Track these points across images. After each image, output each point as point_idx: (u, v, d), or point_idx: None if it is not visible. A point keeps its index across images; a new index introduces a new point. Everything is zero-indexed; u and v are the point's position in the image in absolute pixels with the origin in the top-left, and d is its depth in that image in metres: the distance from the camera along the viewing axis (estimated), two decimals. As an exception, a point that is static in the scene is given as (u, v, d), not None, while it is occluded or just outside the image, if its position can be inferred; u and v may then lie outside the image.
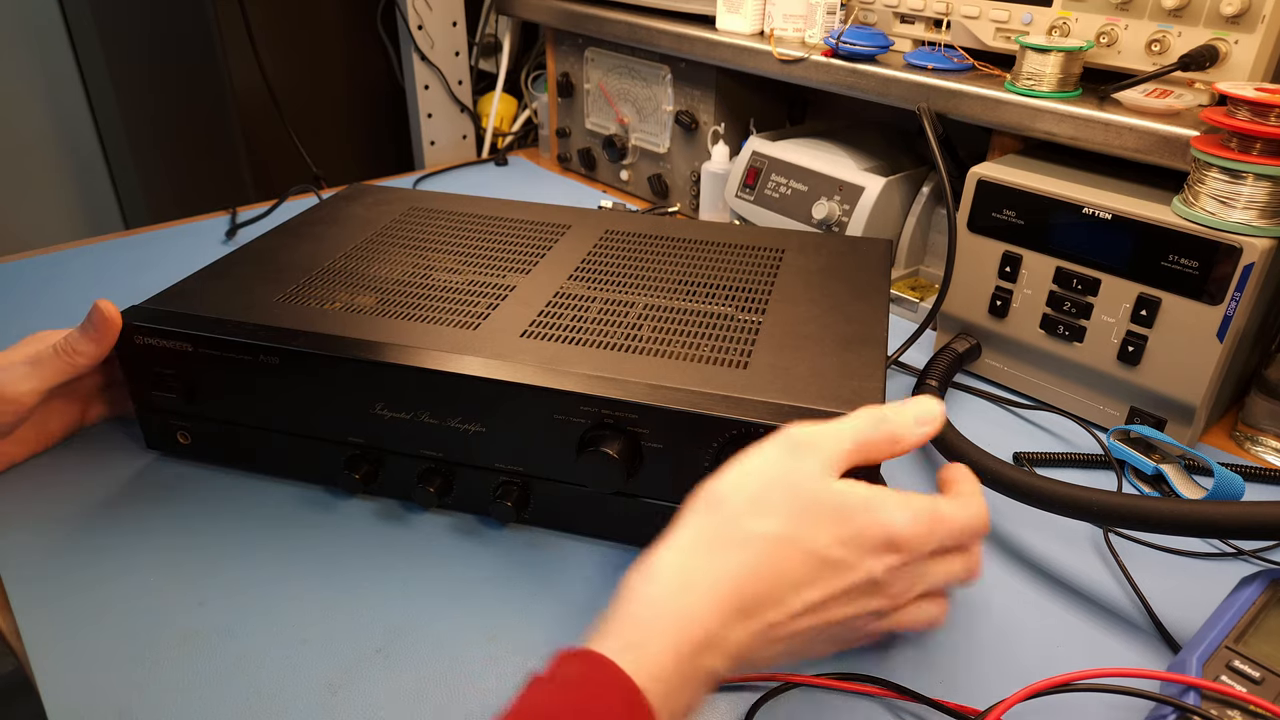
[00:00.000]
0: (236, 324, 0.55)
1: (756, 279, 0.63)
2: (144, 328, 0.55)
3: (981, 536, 0.42)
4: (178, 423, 0.59)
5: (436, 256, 0.66)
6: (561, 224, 0.73)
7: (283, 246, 0.68)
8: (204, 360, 0.55)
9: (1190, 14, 0.65)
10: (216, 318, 0.55)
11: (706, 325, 0.56)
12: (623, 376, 0.50)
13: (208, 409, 0.57)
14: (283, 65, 1.17)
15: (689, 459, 0.49)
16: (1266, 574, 0.45)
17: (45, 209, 1.78)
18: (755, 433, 0.46)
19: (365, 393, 0.53)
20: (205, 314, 0.56)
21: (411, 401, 0.52)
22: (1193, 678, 0.39)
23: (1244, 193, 0.56)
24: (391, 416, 0.53)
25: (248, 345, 0.53)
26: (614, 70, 1.11)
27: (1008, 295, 0.69)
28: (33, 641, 0.47)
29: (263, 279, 0.62)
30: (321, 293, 0.60)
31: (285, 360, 0.53)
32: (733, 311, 0.58)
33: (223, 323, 0.55)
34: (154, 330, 0.55)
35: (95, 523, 0.55)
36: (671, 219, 0.73)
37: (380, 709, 0.43)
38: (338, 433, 0.55)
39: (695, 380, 0.50)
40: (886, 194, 0.82)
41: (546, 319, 0.57)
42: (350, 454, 0.55)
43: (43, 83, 1.68)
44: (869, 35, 0.81)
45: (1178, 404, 0.62)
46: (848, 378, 0.51)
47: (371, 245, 0.68)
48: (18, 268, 0.89)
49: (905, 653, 0.47)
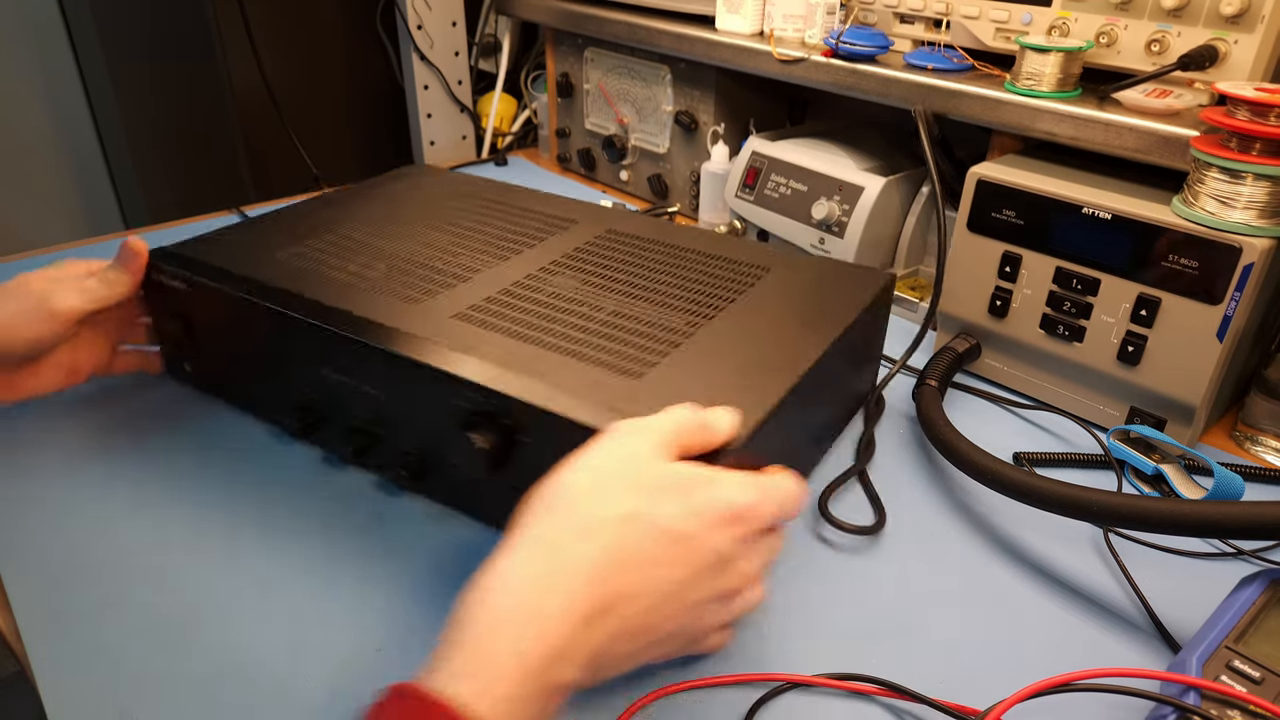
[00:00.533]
0: (227, 273, 0.61)
1: (721, 293, 0.61)
2: (155, 265, 0.63)
3: (794, 514, 0.44)
4: (182, 354, 0.67)
5: (439, 236, 0.69)
6: (568, 218, 0.74)
7: (312, 212, 0.74)
8: (197, 301, 0.62)
9: (1190, 14, 0.65)
10: (218, 266, 0.62)
11: (636, 333, 0.55)
12: (515, 369, 0.50)
13: (201, 345, 0.65)
14: (282, 65, 1.16)
15: (552, 455, 0.45)
16: (1266, 574, 0.46)
17: (45, 209, 1.78)
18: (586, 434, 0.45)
19: (302, 347, 0.58)
20: (211, 262, 0.63)
21: (340, 365, 0.56)
22: (1193, 678, 0.39)
23: (1244, 193, 0.56)
24: (334, 377, 0.57)
25: (224, 295, 0.60)
26: (614, 70, 1.11)
27: (1007, 295, 0.69)
28: (33, 641, 0.47)
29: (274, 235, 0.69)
30: (321, 258, 0.65)
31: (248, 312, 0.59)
32: (679, 323, 0.57)
33: (219, 271, 0.61)
34: (160, 269, 0.63)
35: (96, 521, 0.55)
36: (677, 225, 0.73)
37: (380, 709, 0.43)
38: (295, 383, 0.60)
39: (580, 382, 0.49)
40: (886, 194, 0.82)
41: (489, 305, 0.58)
42: (302, 402, 0.60)
43: (42, 83, 1.68)
44: (869, 35, 0.81)
45: (1178, 404, 0.62)
46: (730, 397, 0.48)
47: (392, 221, 0.72)
48: (18, 268, 0.89)
49: (905, 652, 0.47)
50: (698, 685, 0.45)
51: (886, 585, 0.52)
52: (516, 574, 0.36)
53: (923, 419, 0.63)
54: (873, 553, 0.55)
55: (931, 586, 0.52)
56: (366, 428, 0.57)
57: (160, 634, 0.47)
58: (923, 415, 0.63)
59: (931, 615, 0.50)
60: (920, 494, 0.60)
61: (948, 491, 0.61)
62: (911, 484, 0.61)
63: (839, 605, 0.51)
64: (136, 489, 0.58)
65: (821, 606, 0.50)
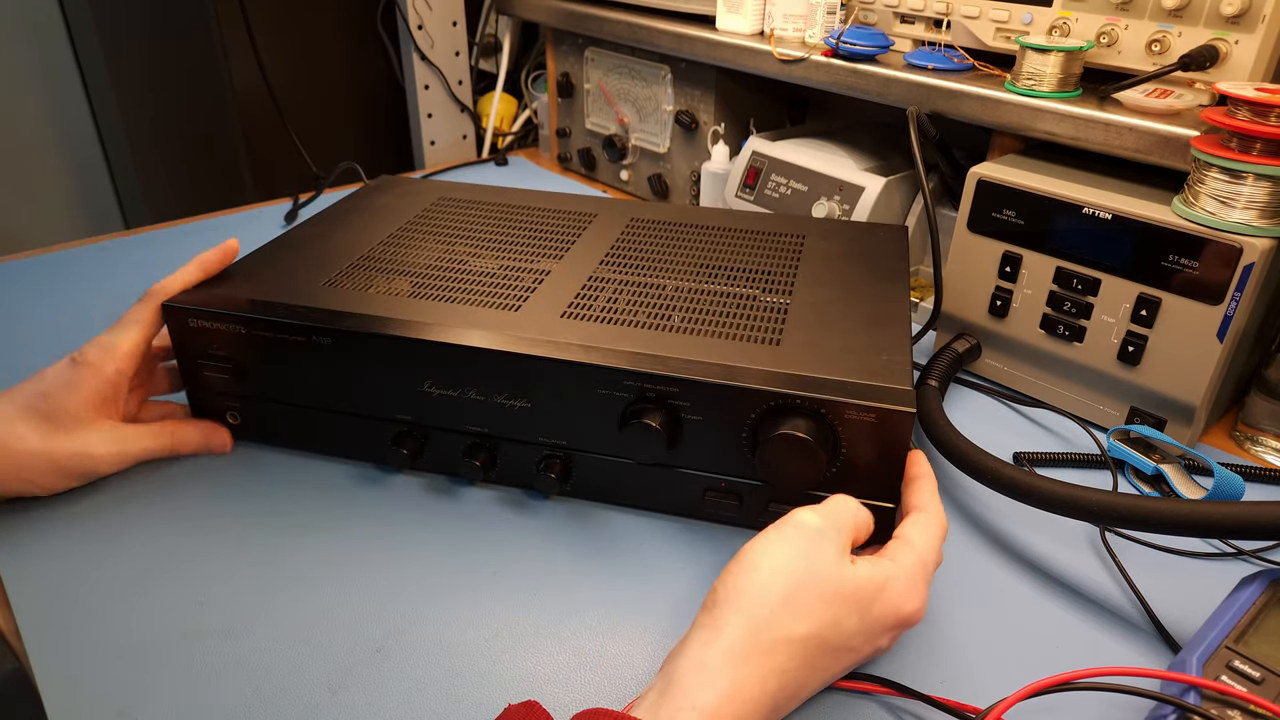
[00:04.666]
0: (288, 307, 0.57)
1: (780, 263, 0.66)
2: (198, 310, 0.57)
3: None
4: (228, 403, 0.61)
5: (469, 244, 0.69)
6: (588, 213, 0.75)
7: (321, 235, 0.70)
8: (257, 342, 0.57)
9: (1190, 14, 0.65)
10: (268, 300, 0.58)
11: (736, 306, 0.59)
12: (661, 353, 0.52)
13: (259, 389, 0.60)
14: (283, 65, 1.16)
15: (727, 430, 0.51)
16: (1266, 574, 0.46)
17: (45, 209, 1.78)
18: (791, 404, 0.49)
19: (416, 371, 0.55)
20: (257, 297, 0.58)
21: (460, 379, 0.55)
22: (1193, 677, 0.39)
23: (1244, 193, 0.56)
24: (439, 394, 0.55)
25: (301, 327, 0.56)
26: (614, 70, 1.11)
27: (1008, 295, 0.69)
28: (33, 641, 0.47)
29: (306, 265, 0.64)
30: (363, 278, 0.62)
31: (338, 340, 0.55)
32: (758, 294, 0.60)
33: (274, 305, 0.57)
34: (207, 314, 0.57)
35: (96, 521, 0.55)
36: (689, 206, 0.76)
37: (380, 709, 0.43)
38: (387, 410, 0.57)
39: (731, 356, 0.52)
40: (886, 194, 0.82)
41: (584, 300, 0.59)
42: (398, 430, 0.58)
43: (43, 83, 1.68)
44: (869, 35, 0.81)
45: (1178, 404, 0.62)
46: (877, 352, 0.53)
47: (406, 234, 0.70)
48: (18, 268, 0.89)
49: (906, 652, 0.47)
50: (698, 685, 0.45)
51: (887, 585, 0.52)
52: (721, 670, 0.39)
53: (923, 418, 0.62)
54: (873, 552, 0.55)
55: (931, 586, 0.52)
56: (486, 443, 0.57)
57: (160, 634, 0.47)
58: (923, 415, 0.63)
59: (932, 614, 0.50)
60: (920, 494, 0.60)
61: (948, 491, 0.61)
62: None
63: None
64: (137, 488, 0.58)
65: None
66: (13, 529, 0.54)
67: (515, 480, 0.58)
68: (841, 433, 0.49)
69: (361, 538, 0.54)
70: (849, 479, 0.51)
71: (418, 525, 0.56)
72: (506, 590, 0.51)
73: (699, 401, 0.51)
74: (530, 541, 0.55)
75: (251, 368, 0.59)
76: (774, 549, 0.43)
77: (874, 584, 0.43)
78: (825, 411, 0.49)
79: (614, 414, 0.52)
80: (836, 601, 0.42)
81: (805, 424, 0.48)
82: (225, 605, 0.49)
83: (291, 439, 0.62)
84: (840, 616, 0.42)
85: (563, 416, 0.54)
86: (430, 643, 0.47)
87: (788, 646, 0.40)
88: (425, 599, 0.50)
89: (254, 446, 0.63)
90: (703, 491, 0.54)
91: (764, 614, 0.40)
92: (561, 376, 0.52)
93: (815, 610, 0.41)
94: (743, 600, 0.41)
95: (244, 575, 0.51)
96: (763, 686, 0.39)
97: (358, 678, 0.45)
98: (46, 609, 0.49)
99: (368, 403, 0.58)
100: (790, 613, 0.41)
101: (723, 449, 0.52)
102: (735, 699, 0.38)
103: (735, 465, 0.53)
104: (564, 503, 0.58)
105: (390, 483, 0.59)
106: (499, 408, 0.55)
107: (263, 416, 0.61)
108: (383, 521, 0.56)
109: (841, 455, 0.50)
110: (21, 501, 0.56)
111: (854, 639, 0.42)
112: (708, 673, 0.39)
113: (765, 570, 0.42)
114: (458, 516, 0.56)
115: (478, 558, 0.53)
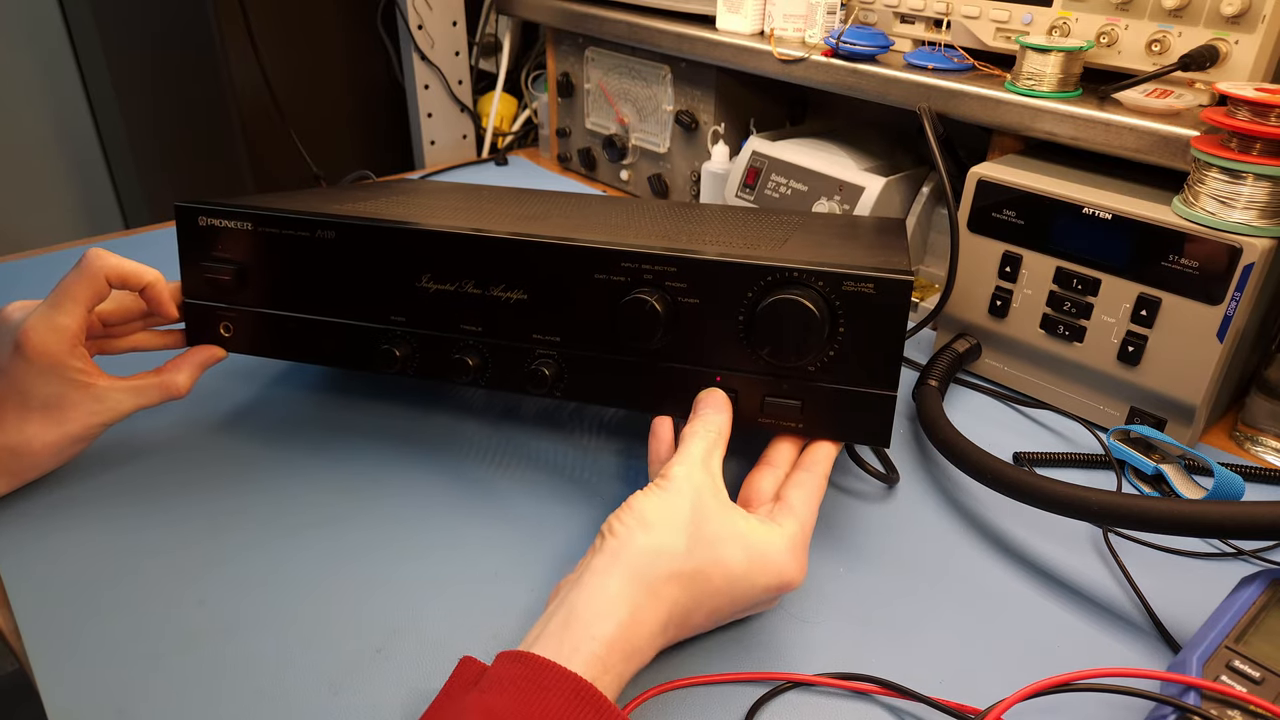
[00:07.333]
0: (295, 210, 0.58)
1: (779, 228, 0.67)
2: (207, 208, 0.58)
3: None
4: (224, 312, 0.61)
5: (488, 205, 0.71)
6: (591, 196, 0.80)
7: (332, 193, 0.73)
8: (262, 240, 0.58)
9: (1190, 14, 0.65)
10: (275, 207, 0.59)
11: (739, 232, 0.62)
12: (664, 242, 0.53)
13: (257, 294, 0.60)
14: (283, 65, 1.16)
15: (724, 315, 0.51)
16: (1266, 574, 0.46)
17: (45, 209, 1.78)
18: (789, 276, 0.49)
19: (415, 264, 0.56)
20: (263, 206, 0.59)
21: (458, 270, 0.55)
22: (1193, 678, 0.39)
23: (1244, 193, 0.56)
24: (436, 289, 0.56)
25: (307, 221, 0.57)
26: (614, 70, 1.11)
27: (1008, 295, 0.69)
28: (33, 641, 0.47)
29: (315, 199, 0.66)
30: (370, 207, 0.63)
31: (341, 233, 0.56)
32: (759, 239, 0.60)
33: (280, 210, 0.58)
34: (216, 211, 0.58)
35: (96, 522, 0.55)
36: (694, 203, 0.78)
37: (380, 709, 0.43)
38: (382, 313, 0.58)
39: (734, 247, 0.54)
40: (886, 194, 0.82)
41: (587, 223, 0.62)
42: (391, 333, 0.58)
43: (43, 83, 1.68)
44: (869, 35, 0.81)
45: (1178, 404, 0.62)
46: (877, 252, 0.55)
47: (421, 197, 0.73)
48: (18, 268, 0.89)
49: (906, 652, 0.47)
50: (698, 683, 0.45)
51: (886, 584, 0.52)
52: (610, 595, 0.42)
53: (923, 418, 0.63)
54: (873, 553, 0.55)
55: (931, 586, 0.52)
56: (480, 345, 0.56)
57: (160, 634, 0.47)
58: (923, 415, 0.63)
59: (932, 614, 0.50)
60: (920, 493, 0.60)
61: (948, 491, 0.61)
62: (911, 483, 0.61)
63: (840, 604, 0.51)
64: (138, 488, 0.58)
65: (822, 605, 0.51)
66: (13, 529, 0.54)
67: (506, 384, 0.57)
68: (840, 307, 0.49)
69: (363, 537, 0.54)
70: (846, 364, 0.50)
71: (419, 525, 0.56)
72: (507, 591, 0.51)
73: (696, 283, 0.51)
74: (530, 544, 0.55)
75: (253, 271, 0.59)
76: (661, 497, 0.46)
77: (763, 540, 0.45)
78: (823, 285, 0.49)
79: (610, 304, 0.52)
80: (727, 540, 0.44)
81: (803, 291, 0.49)
82: (225, 605, 0.49)
83: (284, 349, 0.61)
84: (727, 556, 0.44)
85: (559, 309, 0.54)
86: (431, 643, 0.47)
87: (678, 580, 0.43)
88: (426, 599, 0.50)
89: (255, 447, 0.63)
90: (697, 390, 0.53)
91: (656, 543, 0.43)
92: (559, 261, 0.53)
93: (704, 545, 0.44)
94: (636, 533, 0.44)
95: (244, 575, 0.51)
96: (656, 615, 0.42)
97: (358, 678, 0.45)
98: (46, 609, 0.49)
99: (364, 306, 0.58)
100: (684, 545, 0.43)
101: (721, 337, 0.52)
102: (632, 627, 0.41)
103: (732, 356, 0.52)
104: (568, 506, 0.58)
105: (393, 481, 0.59)
106: (495, 302, 0.55)
107: (256, 327, 0.61)
108: (384, 521, 0.56)
109: (840, 335, 0.50)
110: (22, 501, 0.56)
111: (740, 583, 0.44)
112: (606, 602, 0.41)
113: (654, 507, 0.45)
114: (459, 516, 0.57)
115: (479, 558, 0.53)
